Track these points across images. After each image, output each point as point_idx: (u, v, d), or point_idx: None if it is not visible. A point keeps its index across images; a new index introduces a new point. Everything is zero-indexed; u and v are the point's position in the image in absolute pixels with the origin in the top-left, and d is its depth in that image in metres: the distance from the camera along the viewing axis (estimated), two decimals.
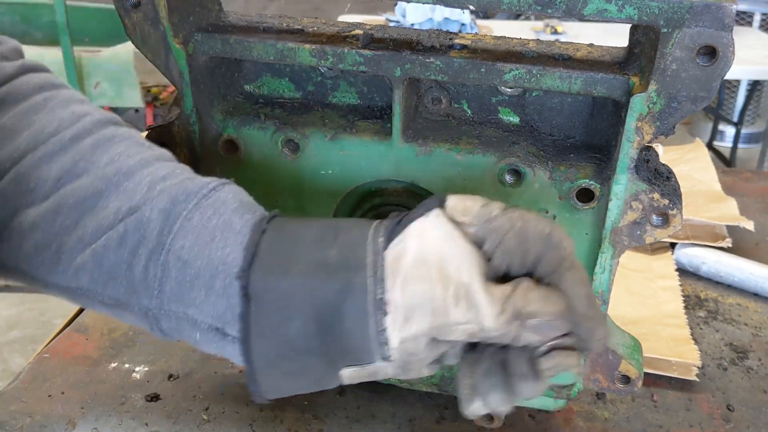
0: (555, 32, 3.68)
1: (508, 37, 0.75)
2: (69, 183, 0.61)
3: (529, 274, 0.57)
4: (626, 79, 0.65)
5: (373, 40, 0.72)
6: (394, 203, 0.78)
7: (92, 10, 3.87)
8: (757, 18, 4.63)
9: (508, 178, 0.73)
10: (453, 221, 0.58)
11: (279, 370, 0.59)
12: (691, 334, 1.08)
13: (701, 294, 1.24)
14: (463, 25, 3.53)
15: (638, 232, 0.70)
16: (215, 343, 0.61)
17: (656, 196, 0.68)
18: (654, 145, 0.71)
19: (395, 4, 3.46)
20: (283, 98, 0.81)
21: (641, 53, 0.67)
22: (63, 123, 0.64)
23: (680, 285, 1.22)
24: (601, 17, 0.62)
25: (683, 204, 0.70)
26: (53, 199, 0.61)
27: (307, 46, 0.71)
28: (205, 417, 0.92)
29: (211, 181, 0.63)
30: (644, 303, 1.17)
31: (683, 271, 1.29)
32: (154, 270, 0.59)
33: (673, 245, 1.34)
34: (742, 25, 4.56)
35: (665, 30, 0.61)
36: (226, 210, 0.60)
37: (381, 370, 0.58)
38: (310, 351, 0.57)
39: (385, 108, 0.78)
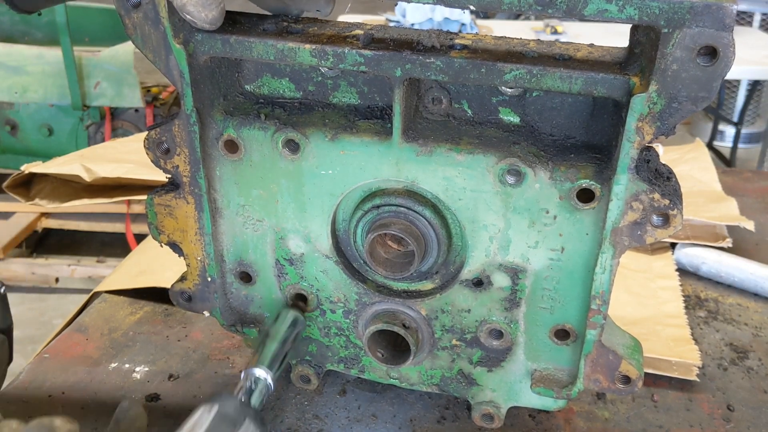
0: (555, 32, 3.68)
1: (509, 37, 0.75)
2: None
3: None
4: (627, 79, 0.65)
5: (374, 40, 0.72)
6: (394, 203, 0.78)
7: (92, 10, 3.87)
8: (757, 18, 4.63)
9: (508, 178, 0.73)
10: None
11: None
12: (692, 334, 1.08)
13: (701, 294, 1.24)
14: (463, 25, 3.53)
15: (639, 233, 0.70)
16: None
17: (657, 196, 0.68)
18: (654, 145, 0.71)
19: (395, 4, 3.46)
20: (284, 98, 0.81)
21: (642, 53, 0.67)
22: None
23: (680, 285, 1.22)
24: (602, 17, 0.62)
25: (683, 204, 0.70)
26: None
27: (308, 46, 0.71)
28: None
29: None
30: (644, 303, 1.17)
31: (683, 271, 1.29)
32: None
33: (673, 245, 1.34)
34: (742, 25, 4.56)
35: (666, 30, 0.61)
36: None
37: None
38: None
39: (386, 108, 0.78)
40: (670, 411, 0.95)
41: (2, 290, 0.72)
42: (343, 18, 3.45)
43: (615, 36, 3.31)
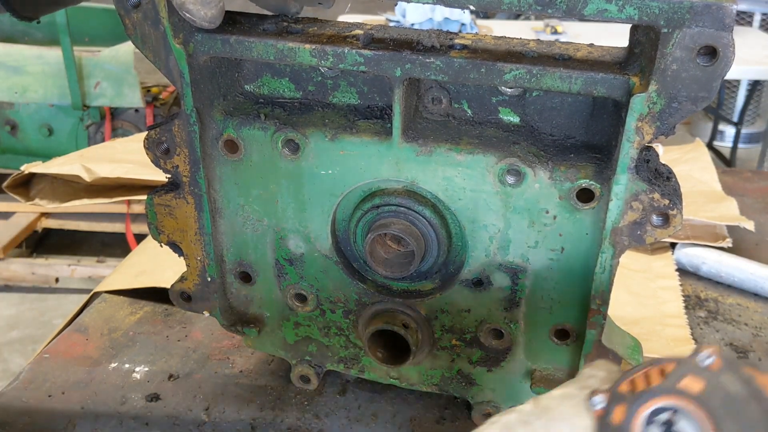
0: (555, 32, 3.67)
1: (509, 37, 0.75)
2: None
3: None
4: (626, 79, 0.65)
5: (374, 40, 0.72)
6: (394, 203, 0.78)
7: (92, 10, 3.86)
8: (757, 18, 4.63)
9: (508, 178, 0.73)
10: None
11: None
12: (691, 334, 1.08)
13: (701, 294, 1.24)
14: (463, 25, 3.53)
15: (638, 232, 0.70)
16: None
17: (656, 196, 0.68)
18: (654, 145, 0.71)
19: (395, 4, 3.46)
20: (284, 98, 0.81)
21: (641, 53, 0.67)
22: None
23: (680, 285, 1.22)
24: (602, 17, 0.62)
25: (683, 204, 0.70)
26: None
27: (307, 46, 0.71)
28: (205, 417, 0.92)
29: None
30: (644, 303, 1.17)
31: (683, 271, 1.29)
32: None
33: (673, 245, 1.34)
34: (742, 25, 4.55)
35: (665, 30, 0.61)
36: None
37: None
38: None
39: (386, 108, 0.78)
40: None
41: None
42: (343, 18, 3.45)
43: (615, 36, 3.31)
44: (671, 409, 0.49)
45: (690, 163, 1.67)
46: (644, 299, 1.18)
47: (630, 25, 0.68)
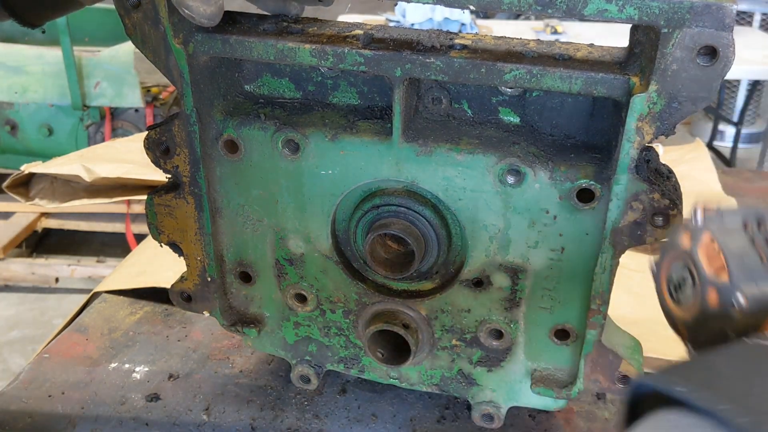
0: (555, 32, 3.67)
1: (509, 37, 0.75)
2: None
3: None
4: (626, 79, 0.65)
5: (374, 40, 0.72)
6: (394, 203, 0.78)
7: (92, 10, 3.85)
8: (757, 18, 4.63)
9: (508, 178, 0.73)
10: None
11: None
12: None
13: None
14: (463, 25, 3.53)
15: (638, 232, 0.70)
16: None
17: (657, 196, 0.68)
18: (654, 145, 0.71)
19: (395, 4, 3.46)
20: (284, 98, 0.81)
21: (641, 53, 0.67)
22: None
23: None
24: (602, 17, 0.62)
25: (683, 204, 0.70)
26: None
27: (307, 46, 0.71)
28: (205, 417, 0.92)
29: None
30: (644, 303, 1.17)
31: None
32: None
33: None
34: (742, 25, 4.55)
35: (666, 30, 0.61)
36: None
37: None
38: None
39: (386, 108, 0.78)
40: None
41: None
42: (343, 18, 3.45)
43: (615, 36, 3.30)
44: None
45: (690, 163, 1.67)
46: (644, 299, 1.18)
47: (630, 25, 0.68)
